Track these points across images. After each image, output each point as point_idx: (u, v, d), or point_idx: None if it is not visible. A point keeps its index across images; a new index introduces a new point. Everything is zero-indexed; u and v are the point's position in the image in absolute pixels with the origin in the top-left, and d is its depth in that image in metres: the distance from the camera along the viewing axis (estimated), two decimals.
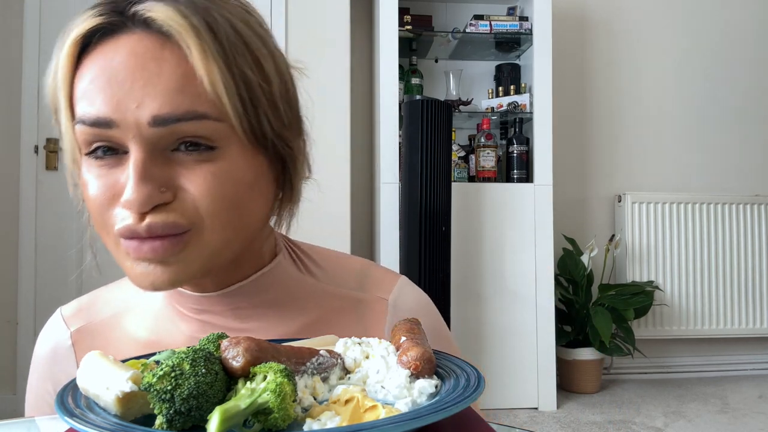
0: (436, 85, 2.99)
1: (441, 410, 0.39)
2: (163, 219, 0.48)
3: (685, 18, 3.25)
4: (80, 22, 0.49)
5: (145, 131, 0.47)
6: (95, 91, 0.48)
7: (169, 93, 0.47)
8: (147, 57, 0.47)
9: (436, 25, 2.88)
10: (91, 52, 0.49)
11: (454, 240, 2.52)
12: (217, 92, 0.48)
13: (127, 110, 0.47)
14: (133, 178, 0.46)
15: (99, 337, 0.63)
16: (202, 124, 0.48)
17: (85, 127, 0.48)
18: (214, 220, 0.49)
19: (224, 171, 0.49)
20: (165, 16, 0.47)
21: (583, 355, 2.80)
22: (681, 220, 3.06)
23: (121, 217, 0.49)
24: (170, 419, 0.38)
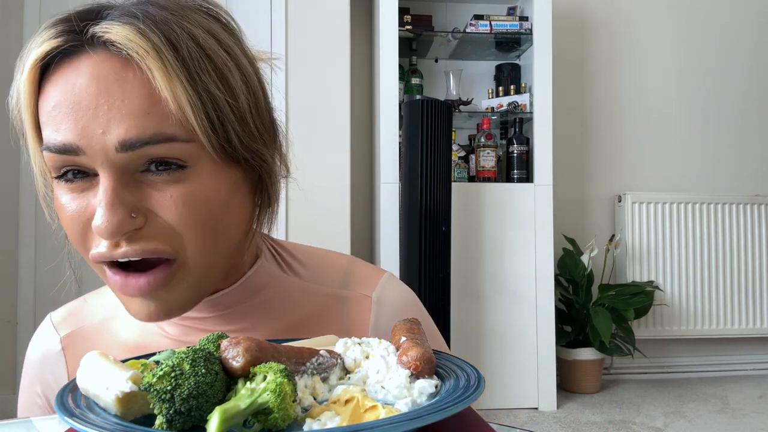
0: (436, 85, 2.99)
1: (441, 410, 0.39)
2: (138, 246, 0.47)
3: (685, 18, 3.25)
4: (38, 44, 0.48)
5: (113, 157, 0.46)
6: (59, 118, 0.46)
7: (135, 116, 0.46)
8: (110, 80, 0.46)
9: (436, 25, 2.88)
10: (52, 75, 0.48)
11: (454, 240, 2.52)
12: (184, 112, 0.46)
13: (93, 137, 0.46)
14: (103, 206, 0.46)
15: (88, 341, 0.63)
16: (170, 146, 0.46)
17: (52, 154, 0.47)
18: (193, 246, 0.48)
19: (195, 193, 0.48)
20: (123, 38, 0.46)
21: (583, 355, 2.80)
22: (681, 220, 3.06)
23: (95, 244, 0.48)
24: (170, 419, 0.38)
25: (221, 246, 0.51)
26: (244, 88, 0.51)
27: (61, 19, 0.49)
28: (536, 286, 2.62)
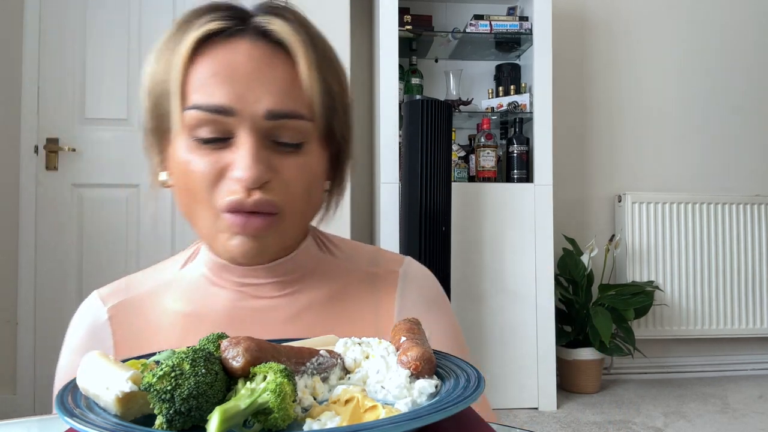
0: (436, 85, 2.99)
1: (441, 410, 0.39)
2: (267, 197, 0.56)
3: (685, 18, 3.25)
4: (202, 24, 0.57)
5: (259, 122, 0.56)
6: (216, 84, 0.56)
7: (281, 93, 0.56)
8: (263, 61, 0.57)
9: (436, 25, 2.88)
10: (207, 50, 0.57)
11: (454, 240, 2.52)
12: (312, 98, 0.58)
13: (246, 103, 0.55)
14: (248, 159, 0.55)
15: (135, 311, 0.66)
16: (299, 122, 0.58)
17: (201, 113, 0.56)
18: (295, 207, 0.59)
19: (307, 164, 0.59)
20: (282, 30, 0.58)
21: (583, 355, 2.80)
22: (681, 220, 3.06)
23: (229, 191, 0.56)
24: (170, 419, 0.38)
25: (309, 211, 0.63)
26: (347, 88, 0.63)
27: (219, 6, 0.59)
28: (536, 286, 2.62)
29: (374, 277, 0.69)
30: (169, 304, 0.66)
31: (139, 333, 0.65)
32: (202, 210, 0.58)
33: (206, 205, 0.58)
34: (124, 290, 0.69)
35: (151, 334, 0.65)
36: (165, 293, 0.67)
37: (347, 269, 0.69)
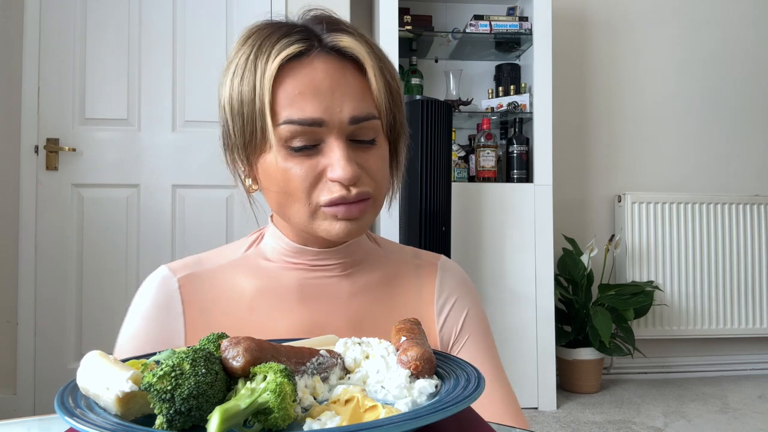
0: (436, 85, 2.99)
1: (441, 410, 0.39)
2: (362, 189, 0.66)
3: (684, 18, 3.25)
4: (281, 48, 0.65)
5: (345, 127, 0.65)
6: (305, 101, 0.64)
7: (358, 100, 0.66)
8: (337, 75, 0.65)
9: (436, 25, 2.88)
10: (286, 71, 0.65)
11: (454, 240, 2.52)
12: (380, 99, 0.67)
13: (333, 113, 0.64)
14: (343, 161, 0.64)
15: (204, 283, 0.73)
16: (374, 122, 0.67)
17: (295, 126, 0.64)
18: (380, 192, 0.70)
19: (382, 156, 0.69)
20: (352, 45, 0.66)
21: (583, 355, 2.80)
22: (681, 220, 3.06)
23: (329, 191, 0.65)
24: (170, 419, 0.38)
25: (384, 195, 0.72)
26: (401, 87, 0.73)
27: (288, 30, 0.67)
28: (536, 286, 2.62)
29: (418, 267, 0.80)
30: (238, 281, 0.74)
31: (207, 303, 0.72)
32: (301, 207, 0.67)
33: (304, 203, 0.66)
34: (192, 265, 0.75)
35: (219, 304, 0.72)
36: (232, 271, 0.75)
37: (394, 259, 0.80)
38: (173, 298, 0.72)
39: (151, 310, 0.72)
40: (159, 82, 2.61)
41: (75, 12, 2.57)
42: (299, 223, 0.68)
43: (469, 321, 0.78)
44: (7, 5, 2.54)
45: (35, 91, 2.52)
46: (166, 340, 0.70)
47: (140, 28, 2.61)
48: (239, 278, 0.74)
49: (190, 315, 0.71)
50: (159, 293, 0.72)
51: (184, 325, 0.71)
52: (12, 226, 2.51)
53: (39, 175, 2.52)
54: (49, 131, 2.53)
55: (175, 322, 0.71)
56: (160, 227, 2.59)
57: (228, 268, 0.75)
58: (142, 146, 2.59)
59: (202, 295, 0.72)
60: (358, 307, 0.73)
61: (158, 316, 0.71)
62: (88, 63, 2.57)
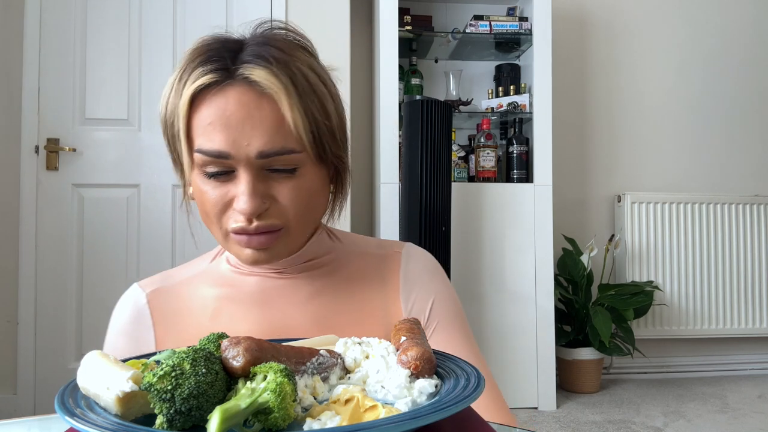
0: (436, 85, 2.99)
1: (441, 410, 0.39)
2: (266, 222, 0.66)
3: (684, 18, 3.25)
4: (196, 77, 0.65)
5: (252, 161, 0.64)
6: (214, 132, 0.64)
7: (269, 134, 0.64)
8: (251, 106, 0.64)
9: (436, 26, 2.88)
10: (204, 98, 0.65)
11: (454, 240, 2.52)
12: (299, 132, 0.65)
13: (240, 147, 0.64)
14: (246, 194, 0.64)
15: (171, 296, 0.77)
16: (290, 156, 0.66)
17: (205, 156, 0.65)
18: (297, 222, 0.68)
19: (302, 186, 0.67)
20: (264, 79, 0.64)
21: (583, 354, 2.80)
22: (681, 220, 3.06)
23: (234, 220, 0.66)
24: (171, 419, 0.38)
25: (311, 222, 0.71)
26: (334, 110, 0.70)
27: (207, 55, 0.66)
28: (536, 286, 2.62)
29: (381, 258, 0.80)
30: (202, 290, 0.76)
31: (174, 314, 0.76)
32: (215, 229, 0.69)
33: (217, 226, 0.68)
34: (159, 280, 0.79)
35: (185, 315, 0.75)
36: (197, 282, 0.78)
37: (356, 253, 0.80)
38: (143, 313, 0.76)
39: (124, 326, 0.77)
40: (159, 82, 2.61)
41: (75, 12, 2.57)
42: (218, 241, 0.71)
43: (436, 307, 0.78)
44: (7, 5, 2.54)
45: (35, 91, 2.52)
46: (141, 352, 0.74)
47: (140, 28, 2.61)
48: (203, 288, 0.77)
49: (159, 327, 0.76)
50: (131, 309, 0.77)
51: (155, 336, 0.75)
52: (12, 226, 2.51)
53: (39, 175, 2.52)
54: (50, 131, 2.53)
55: (147, 334, 0.75)
56: (160, 227, 2.59)
57: (193, 280, 0.78)
58: (142, 146, 2.59)
59: (169, 307, 0.76)
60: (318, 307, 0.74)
61: (131, 331, 0.76)
62: (88, 63, 2.57)
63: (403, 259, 0.80)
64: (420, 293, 0.78)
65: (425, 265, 0.81)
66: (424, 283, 0.79)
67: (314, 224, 0.73)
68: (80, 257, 2.55)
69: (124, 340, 0.76)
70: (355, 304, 0.75)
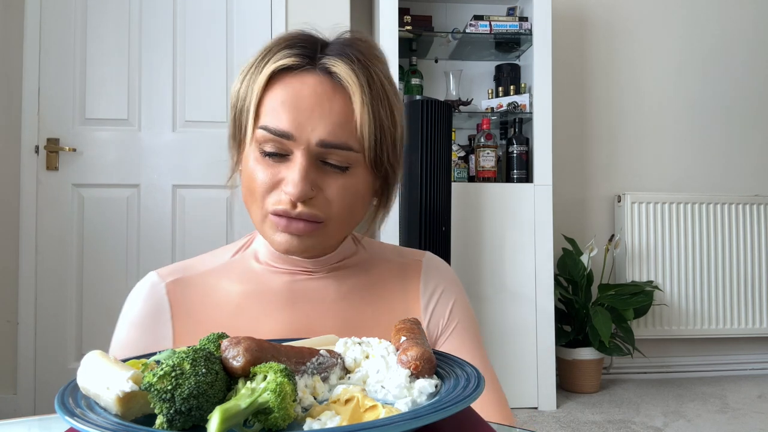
0: (436, 85, 2.99)
1: (441, 410, 0.39)
2: (309, 210, 0.66)
3: (684, 18, 3.25)
4: (278, 58, 0.67)
5: (312, 147, 0.66)
6: (283, 111, 0.66)
7: (334, 126, 0.66)
8: (324, 96, 0.66)
9: (436, 26, 2.88)
10: (280, 79, 0.67)
11: (454, 240, 2.52)
12: (363, 133, 0.67)
13: (304, 130, 0.65)
14: (298, 177, 0.65)
15: (191, 287, 0.75)
16: (347, 153, 0.67)
17: (268, 133, 0.66)
18: (338, 219, 0.69)
19: (350, 186, 0.68)
20: (344, 72, 0.66)
21: (583, 354, 2.80)
22: (681, 220, 3.06)
23: (278, 201, 0.67)
24: (171, 419, 0.38)
25: (350, 224, 0.72)
26: (400, 123, 0.72)
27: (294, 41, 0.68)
28: (536, 286, 2.62)
29: (403, 266, 0.81)
30: (225, 285, 0.75)
31: (194, 307, 0.74)
32: (256, 208, 0.69)
33: (259, 205, 0.68)
34: (180, 270, 0.77)
35: (207, 309, 0.73)
36: (219, 275, 0.76)
37: (379, 260, 0.81)
38: (162, 304, 0.73)
39: (140, 318, 0.73)
40: (159, 82, 2.61)
41: (75, 12, 2.57)
42: (255, 223, 0.71)
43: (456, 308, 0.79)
44: (7, 5, 2.54)
45: (35, 91, 2.52)
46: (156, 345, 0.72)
47: (140, 28, 2.61)
48: (225, 282, 0.75)
49: (178, 320, 0.73)
50: (148, 299, 0.74)
51: (173, 330, 0.72)
52: (12, 226, 2.51)
53: (39, 175, 2.52)
54: (50, 131, 2.53)
55: (164, 328, 0.73)
56: (160, 227, 2.59)
57: (215, 273, 0.77)
58: (142, 146, 2.59)
59: (190, 299, 0.74)
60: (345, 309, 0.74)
61: (147, 323, 0.73)
62: (88, 63, 2.58)
63: (423, 267, 0.81)
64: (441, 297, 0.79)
65: (445, 273, 0.82)
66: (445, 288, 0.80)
67: (351, 228, 0.73)
68: (80, 257, 2.55)
69: (138, 332, 0.73)
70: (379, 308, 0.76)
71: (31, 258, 2.50)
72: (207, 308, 0.73)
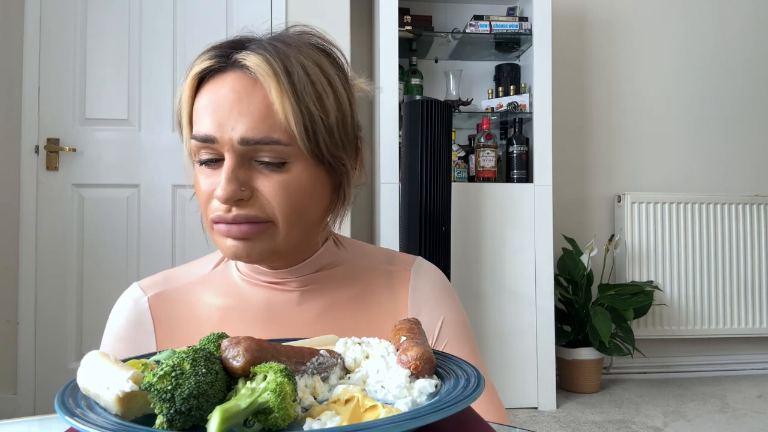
0: (436, 85, 2.99)
1: (441, 410, 0.39)
2: (245, 212, 0.64)
3: (684, 18, 3.25)
4: (199, 63, 0.67)
5: (235, 147, 0.63)
6: (206, 115, 0.65)
7: (255, 121, 0.63)
8: (242, 92, 0.64)
9: (436, 26, 2.88)
10: (205, 84, 0.66)
11: (454, 240, 2.52)
12: (288, 122, 0.63)
13: (225, 131, 0.63)
14: (224, 179, 0.63)
15: (174, 301, 0.74)
16: (276, 147, 0.64)
17: (195, 141, 0.65)
18: (284, 218, 0.66)
19: (289, 182, 0.65)
20: (253, 64, 0.64)
21: (583, 354, 2.80)
22: (681, 220, 3.06)
23: (214, 208, 0.65)
24: (171, 419, 0.38)
25: (301, 222, 0.68)
26: (335, 108, 0.67)
27: (216, 46, 0.68)
28: (536, 286, 2.62)
29: (390, 274, 0.78)
30: (208, 298, 0.74)
31: (177, 322, 0.73)
32: (205, 219, 0.68)
33: (205, 216, 0.68)
34: (161, 282, 0.76)
35: (189, 323, 0.73)
36: (201, 288, 0.75)
37: (366, 267, 0.78)
38: (144, 318, 0.74)
39: (123, 331, 0.74)
40: (159, 82, 2.61)
41: (75, 12, 2.57)
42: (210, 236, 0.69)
43: (445, 328, 0.77)
44: (7, 5, 2.54)
45: (35, 91, 2.52)
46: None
47: (140, 28, 2.61)
48: (208, 296, 0.75)
49: (161, 333, 0.73)
50: (131, 313, 0.74)
51: (156, 343, 0.73)
52: (12, 226, 2.51)
53: (39, 175, 2.52)
54: (50, 131, 2.53)
55: (147, 341, 0.73)
56: (160, 227, 2.59)
57: (197, 285, 0.76)
58: (142, 146, 2.59)
59: (172, 313, 0.74)
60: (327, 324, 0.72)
61: (130, 336, 0.73)
62: (88, 63, 2.58)
63: (412, 276, 0.78)
64: (429, 314, 0.76)
65: (434, 284, 0.79)
66: (433, 303, 0.77)
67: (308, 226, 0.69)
68: (80, 257, 2.55)
69: (123, 345, 0.73)
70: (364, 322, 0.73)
71: (31, 258, 2.50)
72: (189, 323, 0.73)
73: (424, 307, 0.76)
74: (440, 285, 0.80)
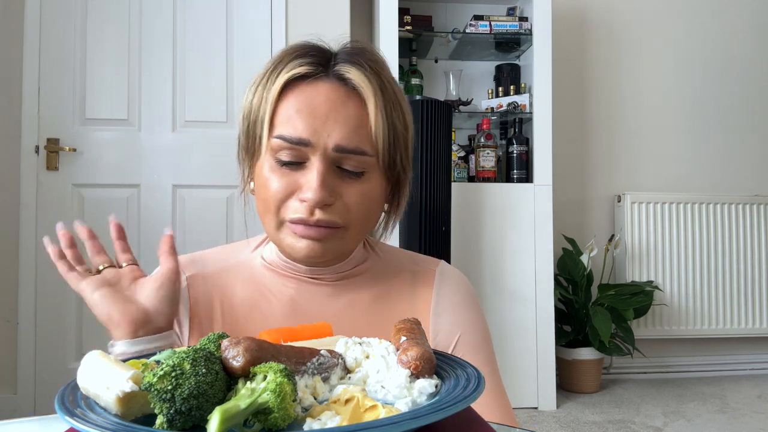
0: (436, 85, 2.99)
1: (441, 410, 0.39)
2: (327, 217, 0.67)
3: (684, 18, 3.25)
4: (291, 67, 0.69)
5: (328, 153, 0.67)
6: (299, 119, 0.67)
7: (349, 131, 0.67)
8: (338, 102, 0.68)
9: (436, 26, 2.88)
10: (293, 88, 0.69)
11: (454, 240, 2.52)
12: (377, 137, 0.68)
13: (320, 136, 0.67)
14: (317, 183, 0.66)
15: (210, 284, 0.77)
16: (362, 158, 0.68)
17: (284, 142, 0.67)
18: (357, 225, 0.70)
19: (366, 191, 0.70)
20: (357, 78, 0.68)
21: (583, 354, 2.80)
22: (681, 220, 3.06)
23: (294, 210, 0.68)
24: (171, 419, 0.38)
25: (366, 229, 0.73)
26: (410, 126, 0.74)
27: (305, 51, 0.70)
28: (536, 286, 2.62)
29: (415, 274, 0.81)
30: (238, 285, 0.77)
31: (210, 305, 0.75)
32: (271, 217, 0.70)
33: (274, 215, 0.69)
34: (200, 262, 0.79)
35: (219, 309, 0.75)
36: (236, 273, 0.78)
37: (392, 267, 0.81)
38: (182, 295, 0.75)
39: None
40: (159, 82, 2.61)
41: (75, 12, 2.57)
42: (269, 233, 0.72)
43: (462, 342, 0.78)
44: (7, 5, 2.54)
45: (35, 91, 2.52)
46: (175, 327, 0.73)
47: (140, 28, 2.61)
48: (239, 284, 0.77)
49: (195, 314, 0.75)
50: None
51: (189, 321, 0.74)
52: (12, 226, 2.51)
53: (39, 175, 2.52)
54: (50, 131, 2.53)
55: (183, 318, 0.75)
56: (160, 227, 2.58)
57: (231, 272, 0.78)
58: (142, 146, 2.59)
59: (206, 297, 0.76)
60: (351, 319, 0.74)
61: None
62: (88, 63, 2.57)
63: (437, 278, 0.80)
64: (448, 324, 0.78)
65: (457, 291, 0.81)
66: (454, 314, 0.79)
67: (366, 232, 0.74)
68: None
69: None
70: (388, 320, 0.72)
71: (32, 258, 2.50)
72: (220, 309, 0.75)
73: (444, 315, 0.78)
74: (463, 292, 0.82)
